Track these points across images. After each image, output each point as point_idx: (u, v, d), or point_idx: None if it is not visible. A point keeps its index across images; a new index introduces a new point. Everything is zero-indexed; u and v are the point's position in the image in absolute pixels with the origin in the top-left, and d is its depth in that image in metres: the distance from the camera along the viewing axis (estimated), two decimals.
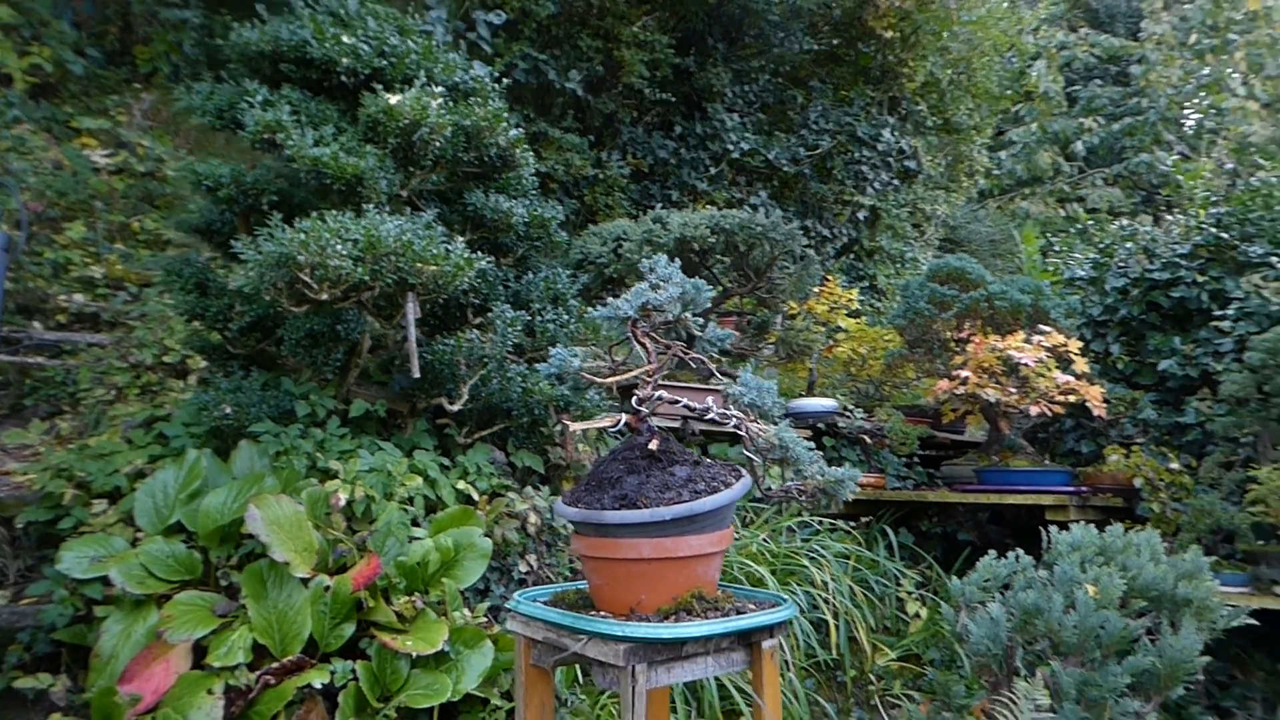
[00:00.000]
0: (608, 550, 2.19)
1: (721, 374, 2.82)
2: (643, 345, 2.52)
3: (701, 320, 2.63)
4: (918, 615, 4.82)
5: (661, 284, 2.54)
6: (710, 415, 2.37)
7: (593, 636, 2.11)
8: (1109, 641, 2.95)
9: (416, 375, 3.41)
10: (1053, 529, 3.45)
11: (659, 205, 7.83)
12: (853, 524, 5.11)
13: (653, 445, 2.28)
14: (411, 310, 3.33)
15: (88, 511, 3.54)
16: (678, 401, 2.35)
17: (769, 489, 2.38)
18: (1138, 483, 4.76)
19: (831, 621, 4.35)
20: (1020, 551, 3.32)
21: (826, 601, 4.40)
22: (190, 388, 4.56)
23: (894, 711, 4.53)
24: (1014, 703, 2.88)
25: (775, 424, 2.43)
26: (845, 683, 4.50)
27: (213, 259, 4.12)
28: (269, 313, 3.91)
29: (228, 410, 3.58)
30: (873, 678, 4.59)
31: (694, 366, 2.56)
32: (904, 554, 5.23)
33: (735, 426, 2.40)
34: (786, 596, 2.37)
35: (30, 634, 3.29)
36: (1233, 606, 3.30)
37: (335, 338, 3.80)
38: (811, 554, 4.49)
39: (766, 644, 2.27)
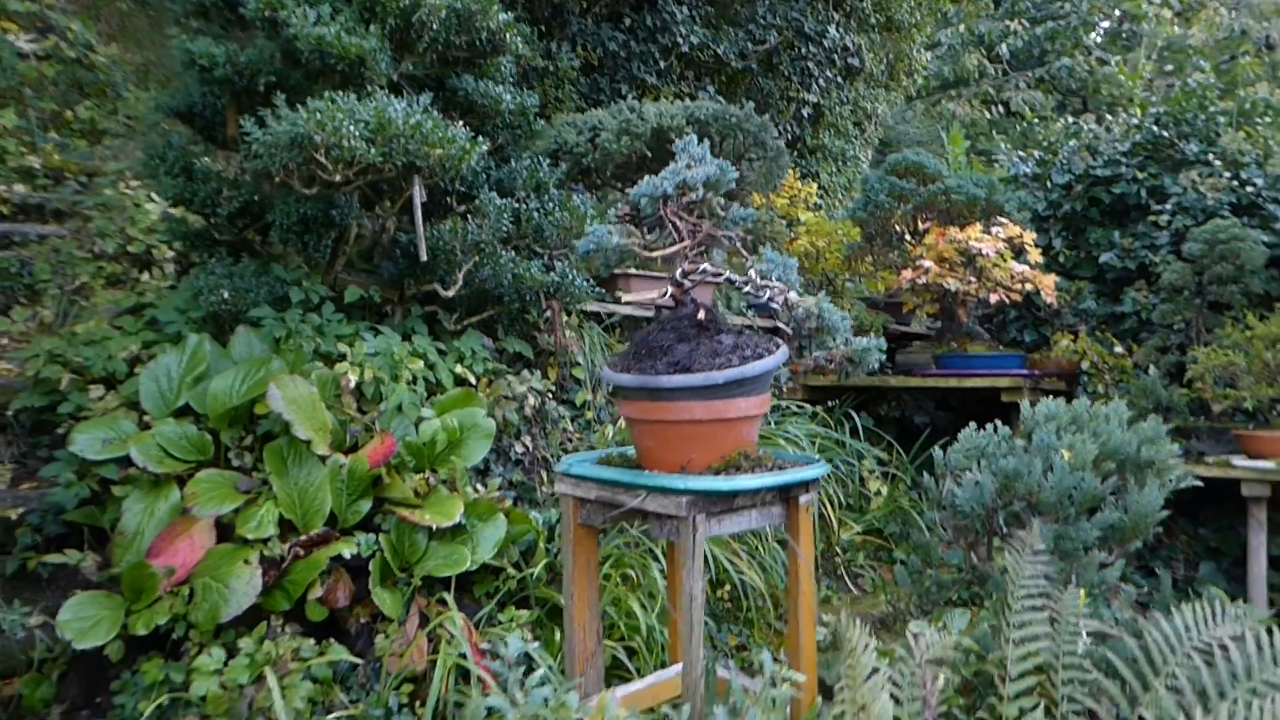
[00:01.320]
0: (661, 413, 2.32)
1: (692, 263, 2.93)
2: (673, 223, 2.63)
3: (723, 201, 2.74)
4: (879, 493, 5.12)
5: (695, 163, 2.64)
6: (748, 288, 2.50)
7: (653, 491, 2.25)
8: (1082, 500, 3.23)
9: (424, 258, 3.45)
10: (1024, 404, 3.71)
11: (608, 100, 7.80)
12: (817, 408, 5.34)
13: (700, 316, 2.41)
14: (418, 194, 3.35)
15: (86, 397, 3.53)
16: (721, 274, 2.46)
17: (803, 356, 2.53)
18: (1084, 365, 5.08)
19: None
20: (999, 423, 3.57)
21: None
22: (166, 276, 4.49)
23: (858, 580, 4.84)
24: (997, 552, 3.15)
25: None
26: (815, 555, 4.78)
27: (193, 143, 4.02)
28: (255, 199, 3.87)
29: (225, 295, 3.57)
30: (839, 550, 4.89)
31: (724, 244, 2.67)
32: (864, 437, 5.51)
33: (770, 298, 2.54)
34: (818, 456, 2.54)
35: (39, 516, 3.30)
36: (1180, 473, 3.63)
37: (328, 223, 3.79)
38: (785, 435, 4.71)
39: (803, 498, 2.46)
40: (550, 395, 4.21)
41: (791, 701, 2.39)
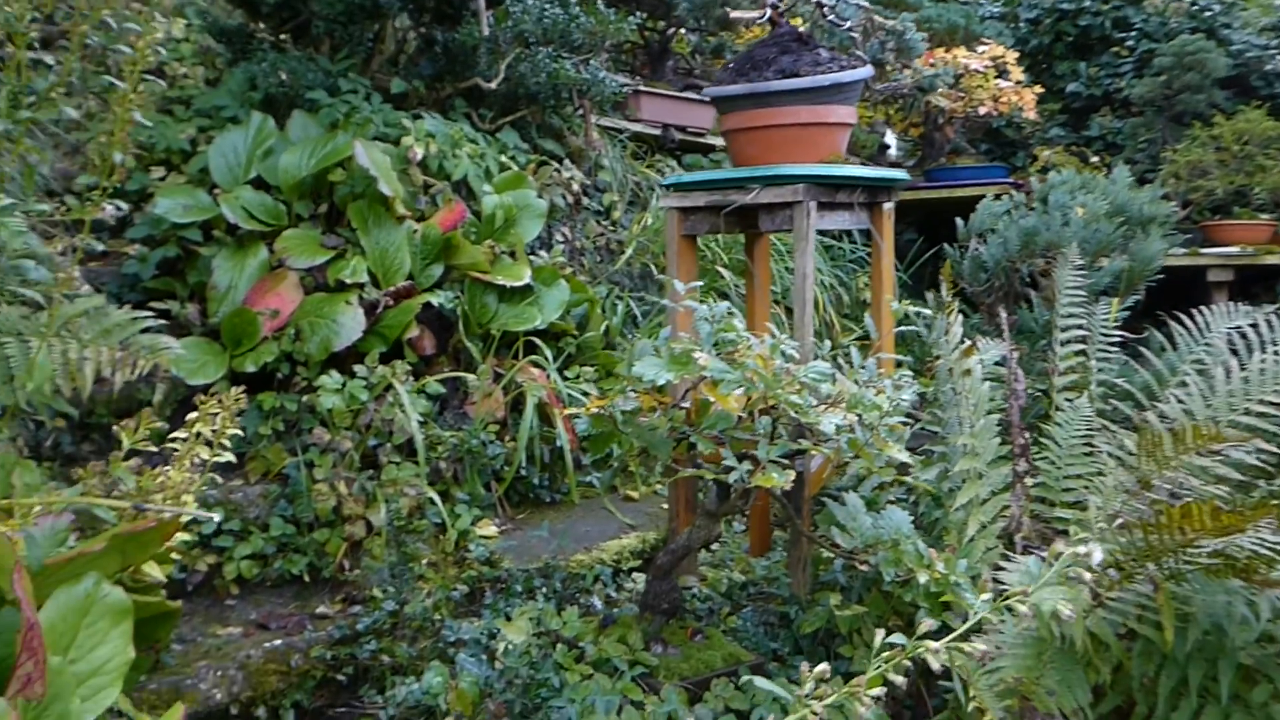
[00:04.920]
0: (768, 118, 2.56)
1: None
2: None
3: None
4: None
5: None
6: (833, 15, 2.73)
7: (769, 183, 2.50)
8: (1096, 248, 3.59)
9: (485, 33, 3.59)
10: (1034, 177, 4.05)
11: None
12: None
13: (801, 30, 2.64)
14: None
15: (148, 177, 3.61)
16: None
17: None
18: None
19: (821, 297, 4.93)
20: (1014, 191, 3.90)
21: None
22: (198, 79, 4.52)
23: None
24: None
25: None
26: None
27: None
28: None
29: (284, 76, 3.66)
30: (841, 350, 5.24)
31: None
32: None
33: (850, 29, 2.78)
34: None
35: (117, 287, 3.40)
36: None
37: (375, 13, 3.88)
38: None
39: (886, 205, 2.74)
40: (584, 191, 4.41)
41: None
